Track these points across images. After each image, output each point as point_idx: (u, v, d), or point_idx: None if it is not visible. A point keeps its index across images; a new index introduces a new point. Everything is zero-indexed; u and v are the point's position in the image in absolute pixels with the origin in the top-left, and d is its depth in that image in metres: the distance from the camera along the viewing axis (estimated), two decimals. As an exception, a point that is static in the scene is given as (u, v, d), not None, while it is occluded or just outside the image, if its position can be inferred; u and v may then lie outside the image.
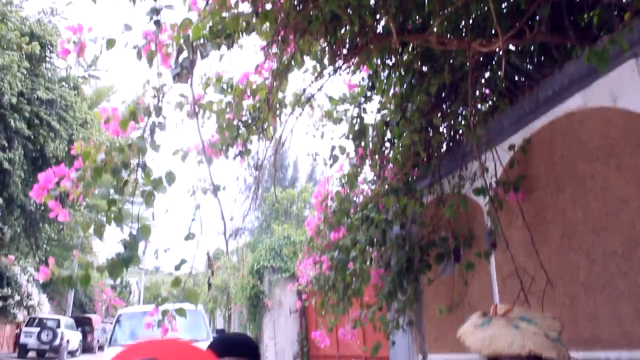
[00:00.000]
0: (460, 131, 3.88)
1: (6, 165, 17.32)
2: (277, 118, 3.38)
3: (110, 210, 2.31)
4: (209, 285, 3.58)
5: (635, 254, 2.54)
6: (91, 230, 2.45)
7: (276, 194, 14.64)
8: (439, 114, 3.82)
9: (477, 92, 3.64)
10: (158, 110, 2.44)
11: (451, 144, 4.01)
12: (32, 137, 17.88)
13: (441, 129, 3.95)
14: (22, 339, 22.86)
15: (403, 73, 3.81)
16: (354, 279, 3.78)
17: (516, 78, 3.60)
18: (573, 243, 2.92)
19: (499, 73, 3.61)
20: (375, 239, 3.71)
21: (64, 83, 20.20)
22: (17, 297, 23.16)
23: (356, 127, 3.94)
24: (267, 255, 11.39)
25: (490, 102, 3.82)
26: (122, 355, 0.98)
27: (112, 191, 2.37)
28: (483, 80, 3.74)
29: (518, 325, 1.44)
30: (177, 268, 2.56)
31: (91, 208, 21.44)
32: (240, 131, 3.19)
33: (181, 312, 2.67)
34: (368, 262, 3.90)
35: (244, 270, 11.94)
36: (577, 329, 2.82)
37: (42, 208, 19.76)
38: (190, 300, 2.67)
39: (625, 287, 2.59)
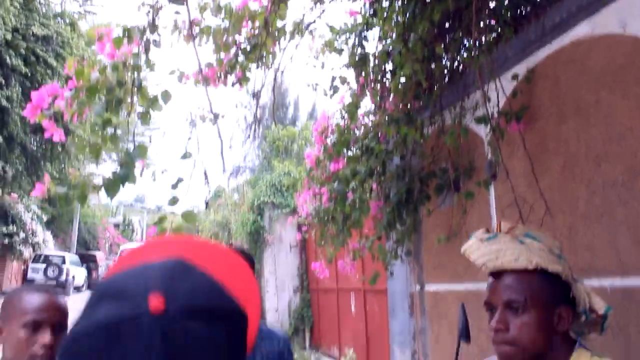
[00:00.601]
0: (463, 61, 3.80)
1: (4, 102, 17.21)
2: (277, 43, 3.30)
3: (106, 130, 2.29)
4: (206, 204, 3.56)
5: (635, 183, 2.54)
6: (87, 151, 2.43)
7: (276, 130, 14.58)
8: (442, 44, 3.74)
9: (482, 22, 3.55)
10: (153, 28, 2.37)
11: (454, 75, 3.94)
12: (29, 74, 17.71)
13: (444, 60, 3.87)
14: (29, 275, 23.48)
15: (406, 1, 3.70)
16: (353, 210, 3.80)
17: (522, 6, 3.50)
18: (574, 173, 2.91)
19: (505, 1, 3.51)
20: (375, 170, 3.70)
21: (59, 19, 19.82)
22: (22, 235, 23.47)
23: (357, 56, 3.86)
24: (267, 191, 11.45)
25: (495, 33, 3.72)
26: (140, 251, 0.74)
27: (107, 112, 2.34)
28: (487, 11, 3.64)
29: (523, 241, 1.42)
30: (174, 186, 2.56)
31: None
32: (238, 59, 3.12)
33: (180, 228, 2.69)
34: (368, 194, 3.91)
35: (244, 206, 12.03)
36: (574, 258, 2.84)
37: (43, 146, 19.83)
38: (188, 221, 2.68)
39: (623, 216, 2.59)
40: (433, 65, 3.81)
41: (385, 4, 3.98)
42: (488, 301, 1.45)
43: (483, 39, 3.51)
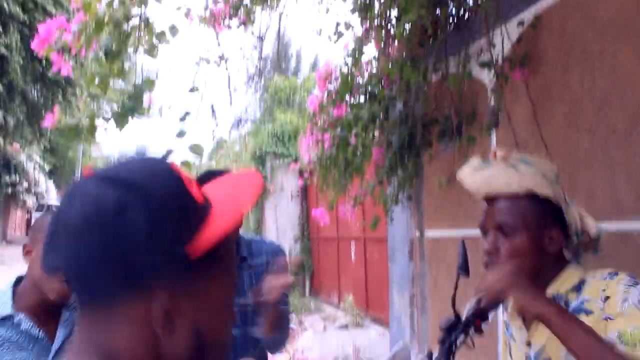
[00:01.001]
0: (469, 7, 3.77)
1: (3, 50, 17.05)
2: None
3: (114, 64, 2.29)
4: (213, 138, 3.58)
5: (636, 129, 2.56)
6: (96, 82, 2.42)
7: (278, 81, 14.47)
8: (449, -11, 3.69)
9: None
10: (158, -38, 2.35)
11: (459, 21, 3.91)
12: (28, 22, 17.46)
13: (450, 5, 3.83)
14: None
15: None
16: (355, 156, 3.83)
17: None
18: (576, 120, 2.93)
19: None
20: (378, 116, 3.72)
21: (57, -36, 19.38)
22: (25, 184, 23.67)
23: (362, 1, 3.82)
24: (269, 141, 11.47)
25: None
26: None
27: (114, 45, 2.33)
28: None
29: (517, 167, 1.45)
30: (182, 119, 2.58)
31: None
32: (243, 1, 3.10)
33: (188, 164, 2.74)
34: (370, 140, 3.94)
35: (246, 156, 12.07)
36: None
37: (44, 95, 19.73)
38: (195, 153, 2.72)
39: (623, 162, 2.63)
40: (438, 11, 3.77)
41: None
42: (482, 225, 1.51)
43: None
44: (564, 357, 1.37)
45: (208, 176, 1.70)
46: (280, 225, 11.64)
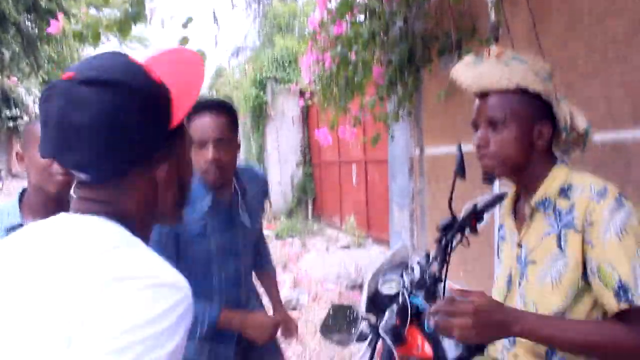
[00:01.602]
0: None
1: (-9, -20, 16.57)
2: None
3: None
4: (216, 43, 3.54)
5: (635, 39, 2.58)
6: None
7: (278, 6, 14.15)
8: None
9: None
10: None
11: None
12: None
13: None
14: (36, 157, 23.78)
15: None
16: (355, 74, 3.86)
17: None
18: (575, 32, 2.94)
19: None
20: (378, 33, 3.71)
21: None
22: (25, 118, 23.57)
23: None
24: (269, 66, 11.33)
25: None
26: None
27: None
28: None
29: (509, 63, 1.48)
30: (185, 26, 2.59)
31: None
32: None
33: None
34: (371, 57, 3.95)
35: (246, 83, 11.97)
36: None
37: (38, 26, 19.31)
38: None
39: (620, 72, 2.66)
40: None
41: None
42: (474, 121, 1.56)
43: None
44: (549, 260, 1.44)
45: None
46: (282, 151, 11.69)
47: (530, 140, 1.48)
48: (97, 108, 0.80)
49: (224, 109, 1.98)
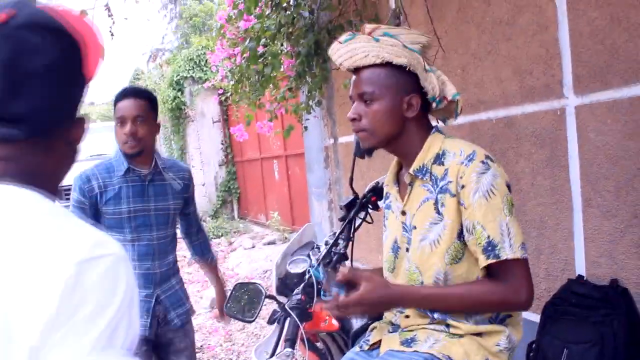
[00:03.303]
0: None
1: None
2: None
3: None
4: (112, 34, 3.36)
5: (518, 19, 2.74)
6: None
7: (193, 6, 14.00)
8: None
9: None
10: None
11: None
12: None
13: None
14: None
15: None
16: (265, 66, 3.88)
17: None
18: (466, 15, 3.09)
19: None
20: (284, 25, 3.75)
21: None
22: None
23: None
24: (185, 65, 11.16)
25: None
26: None
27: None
28: None
29: (379, 39, 1.54)
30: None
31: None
32: None
33: None
34: (279, 50, 3.98)
35: (164, 85, 11.74)
36: (466, 94, 3.10)
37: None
38: None
39: (507, 51, 2.83)
40: None
41: None
42: (350, 96, 1.63)
43: None
44: (429, 224, 1.53)
45: None
46: (203, 151, 11.56)
47: (400, 112, 1.55)
48: (50, 55, 0.79)
49: (143, 94, 2.34)
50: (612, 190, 2.32)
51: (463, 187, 1.47)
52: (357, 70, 1.59)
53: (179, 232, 2.66)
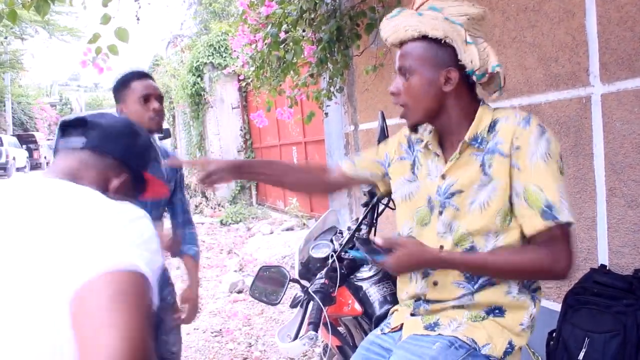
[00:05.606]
0: None
1: None
2: None
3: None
4: (137, 19, 3.40)
5: (544, 6, 2.72)
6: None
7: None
8: None
9: None
10: None
11: None
12: None
13: None
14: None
15: None
16: (287, 53, 3.89)
17: None
18: (491, 2, 3.06)
19: None
20: (307, 11, 3.74)
21: None
22: None
23: None
24: (205, 52, 11.19)
25: None
26: None
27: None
28: None
29: (422, 13, 1.50)
30: (104, 4, 2.52)
31: None
32: None
33: (113, 49, 2.76)
34: (301, 36, 3.98)
35: (183, 71, 11.78)
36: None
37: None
38: (121, 39, 2.72)
39: (532, 38, 2.80)
40: None
41: None
42: (395, 71, 1.60)
43: None
44: (477, 187, 1.50)
45: None
46: (222, 137, 11.60)
47: (438, 86, 1.51)
48: (131, 126, 1.31)
49: (151, 76, 2.40)
50: (637, 179, 2.30)
51: (519, 148, 1.44)
52: (401, 45, 1.57)
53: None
